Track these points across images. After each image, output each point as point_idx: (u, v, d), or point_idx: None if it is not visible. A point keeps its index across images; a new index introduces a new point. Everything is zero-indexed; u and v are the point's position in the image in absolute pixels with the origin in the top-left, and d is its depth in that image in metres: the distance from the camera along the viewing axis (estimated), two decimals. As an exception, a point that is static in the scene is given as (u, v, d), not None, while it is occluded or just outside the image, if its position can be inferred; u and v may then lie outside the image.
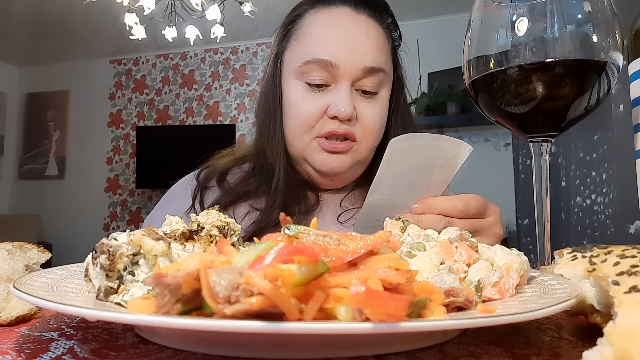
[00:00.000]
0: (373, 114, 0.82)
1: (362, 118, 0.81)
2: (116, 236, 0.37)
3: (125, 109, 5.17)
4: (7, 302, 0.37)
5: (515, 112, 0.53)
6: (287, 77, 0.85)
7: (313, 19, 0.84)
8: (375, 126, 0.83)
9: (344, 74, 0.79)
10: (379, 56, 0.81)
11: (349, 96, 0.79)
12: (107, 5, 3.51)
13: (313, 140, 0.82)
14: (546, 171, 0.54)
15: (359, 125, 0.81)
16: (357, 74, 0.79)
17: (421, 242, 0.41)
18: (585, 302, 0.34)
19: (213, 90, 4.85)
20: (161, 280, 0.25)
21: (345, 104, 0.78)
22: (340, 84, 0.80)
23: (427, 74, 3.88)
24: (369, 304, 0.23)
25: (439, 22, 3.98)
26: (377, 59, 0.81)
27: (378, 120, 0.83)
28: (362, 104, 0.81)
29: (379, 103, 0.83)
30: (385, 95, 0.85)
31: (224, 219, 0.43)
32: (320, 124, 0.81)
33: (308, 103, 0.81)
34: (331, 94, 0.80)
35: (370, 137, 0.83)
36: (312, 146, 0.82)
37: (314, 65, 0.79)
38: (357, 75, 0.80)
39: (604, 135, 1.57)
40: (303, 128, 0.82)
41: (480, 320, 0.26)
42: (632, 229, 1.33)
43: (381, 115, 0.84)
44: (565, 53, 0.50)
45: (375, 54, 0.81)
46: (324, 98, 0.80)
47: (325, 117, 0.80)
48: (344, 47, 0.79)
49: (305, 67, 0.80)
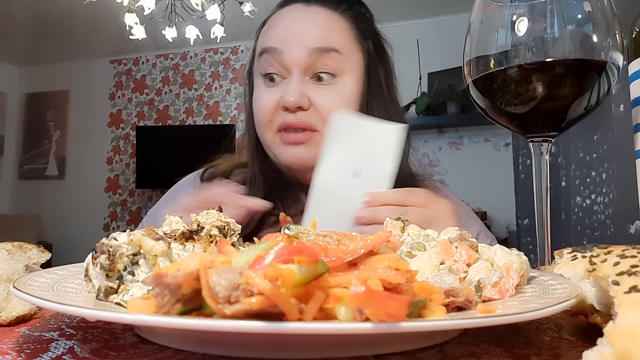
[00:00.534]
0: (329, 101, 0.79)
1: (318, 106, 0.79)
2: (116, 236, 0.37)
3: (125, 109, 5.17)
4: (7, 302, 0.37)
5: (515, 112, 0.53)
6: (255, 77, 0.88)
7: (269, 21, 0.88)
8: None
9: (290, 61, 0.79)
10: (328, 36, 0.80)
11: (297, 85, 0.78)
12: (107, 5, 3.51)
13: (275, 136, 0.82)
14: (546, 171, 0.54)
15: (316, 114, 0.80)
16: (304, 58, 0.79)
17: (421, 242, 0.41)
18: (585, 302, 0.34)
19: (213, 90, 4.85)
20: (161, 280, 0.25)
21: (292, 92, 0.78)
22: (291, 74, 0.80)
23: (427, 74, 3.88)
24: (369, 304, 0.23)
25: (439, 22, 3.98)
26: (325, 39, 0.80)
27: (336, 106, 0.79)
28: (317, 91, 0.80)
29: (337, 89, 0.81)
30: (348, 81, 0.82)
31: (224, 219, 0.43)
32: (276, 118, 0.81)
33: (263, 97, 0.82)
34: (284, 87, 0.80)
35: None
36: (276, 141, 0.82)
37: (265, 55, 0.81)
38: (305, 60, 0.79)
39: (604, 135, 1.57)
40: (263, 124, 0.83)
41: (480, 320, 0.26)
42: (632, 229, 1.33)
43: (341, 102, 0.80)
44: (565, 53, 0.50)
45: (321, 35, 0.80)
46: (278, 91, 0.81)
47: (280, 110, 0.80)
48: (287, 32, 0.81)
49: (260, 60, 0.83)
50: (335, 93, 0.80)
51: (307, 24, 0.82)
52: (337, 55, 0.80)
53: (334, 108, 0.78)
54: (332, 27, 0.82)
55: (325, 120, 0.78)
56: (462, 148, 3.92)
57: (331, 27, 0.82)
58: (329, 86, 0.81)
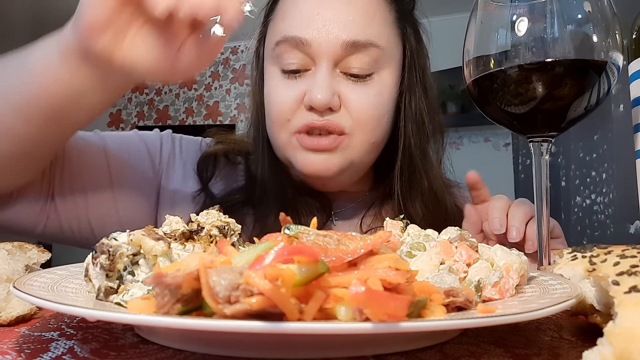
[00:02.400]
0: (365, 100, 0.66)
1: (351, 105, 0.66)
2: (116, 236, 0.37)
3: (125, 109, 5.17)
4: (7, 302, 0.37)
5: (515, 112, 0.53)
6: (265, 65, 0.72)
7: None
8: (369, 115, 0.67)
9: (319, 53, 0.64)
10: (367, 27, 0.65)
11: (326, 80, 0.64)
12: (107, 5, 3.51)
13: (292, 137, 0.68)
14: (546, 171, 0.54)
15: (347, 115, 0.66)
16: (337, 51, 0.64)
17: (421, 242, 0.41)
18: (585, 302, 0.34)
19: (213, 90, 4.85)
20: (161, 280, 0.25)
21: (321, 89, 0.63)
22: (318, 66, 0.65)
23: (427, 74, 3.88)
24: (369, 304, 0.23)
25: (439, 22, 3.96)
26: (364, 30, 0.65)
27: (372, 107, 0.67)
28: (350, 88, 0.66)
29: (374, 86, 0.67)
30: (386, 78, 0.68)
31: (224, 219, 0.43)
32: (296, 117, 0.67)
33: (281, 92, 0.67)
34: (309, 79, 0.66)
35: (364, 130, 0.67)
36: (292, 144, 0.68)
37: (284, 45, 0.66)
38: (337, 54, 0.65)
39: (604, 135, 1.57)
40: (278, 122, 0.68)
41: (480, 320, 0.26)
42: (632, 229, 1.33)
43: (377, 102, 0.67)
44: (565, 53, 0.50)
45: (359, 25, 0.65)
46: (300, 85, 0.66)
47: (302, 108, 0.66)
48: (316, 19, 0.65)
49: (277, 50, 0.67)
50: (372, 92, 0.67)
51: (339, 7, 0.65)
52: (376, 50, 0.66)
53: (371, 111, 0.67)
54: (370, 11, 0.66)
55: (358, 122, 0.66)
56: (462, 148, 3.92)
57: (370, 11, 0.66)
58: (365, 82, 0.67)
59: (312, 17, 0.65)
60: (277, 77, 0.69)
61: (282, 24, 0.69)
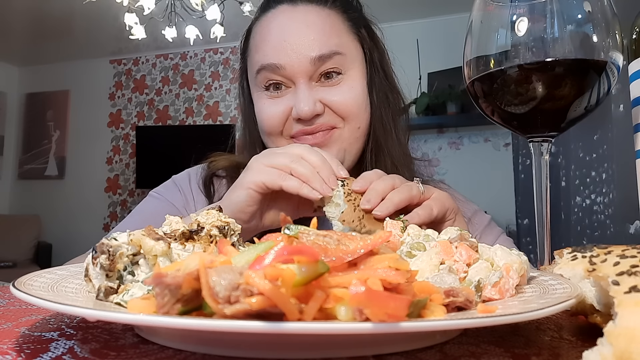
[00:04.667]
0: (343, 98, 0.78)
1: (333, 105, 0.77)
2: (116, 236, 0.37)
3: (125, 109, 5.17)
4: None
5: (515, 112, 0.53)
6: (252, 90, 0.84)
7: (258, 29, 0.83)
8: (350, 107, 0.78)
9: (294, 73, 0.76)
10: (327, 41, 0.77)
11: (307, 93, 0.76)
12: (107, 5, 3.51)
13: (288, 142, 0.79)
14: (546, 171, 0.54)
15: (332, 115, 0.78)
16: (308, 68, 0.76)
17: (421, 242, 0.41)
18: (585, 302, 0.34)
19: (213, 90, 4.85)
20: (161, 280, 0.25)
21: (305, 102, 0.75)
22: (297, 84, 0.77)
23: (427, 74, 3.88)
24: (369, 304, 0.23)
25: (439, 22, 3.98)
26: (325, 44, 0.77)
27: (350, 100, 0.78)
28: (327, 92, 0.77)
29: (346, 83, 0.79)
30: (354, 74, 0.80)
31: (224, 219, 0.43)
32: (287, 127, 0.79)
33: (269, 109, 0.79)
34: (292, 95, 0.78)
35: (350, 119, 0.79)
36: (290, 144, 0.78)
37: (264, 73, 0.78)
38: (309, 69, 0.76)
39: (604, 135, 1.57)
40: (273, 134, 0.80)
41: (480, 320, 0.26)
42: (632, 229, 1.32)
43: (353, 94, 0.79)
44: (565, 53, 0.50)
45: (320, 41, 0.77)
46: (285, 101, 0.78)
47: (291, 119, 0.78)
48: (284, 45, 0.77)
49: (259, 77, 0.80)
50: (345, 88, 0.78)
51: (301, 30, 0.77)
52: (340, 56, 0.78)
53: (350, 103, 0.78)
54: (326, 27, 0.78)
55: (344, 116, 0.77)
56: (462, 148, 3.92)
57: (326, 27, 0.78)
58: (339, 83, 0.78)
59: (280, 44, 0.77)
60: (263, 98, 0.81)
61: (257, 56, 0.80)
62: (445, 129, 3.93)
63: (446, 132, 3.95)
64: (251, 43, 0.84)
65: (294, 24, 0.78)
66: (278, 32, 0.78)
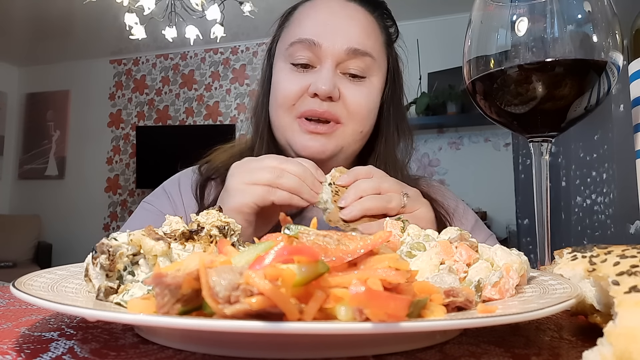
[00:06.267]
0: (359, 97, 0.80)
1: (347, 99, 0.79)
2: (116, 236, 0.37)
3: (125, 109, 5.17)
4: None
5: (515, 112, 0.53)
6: (276, 62, 0.86)
7: (304, 8, 0.86)
8: (361, 108, 0.81)
9: (327, 54, 0.79)
10: (365, 40, 0.81)
11: (330, 74, 0.78)
12: (107, 5, 3.51)
13: (294, 122, 0.80)
14: (546, 171, 0.54)
15: (343, 107, 0.80)
16: (341, 54, 0.79)
17: (421, 242, 0.41)
18: (585, 302, 0.34)
19: (213, 90, 4.85)
20: (161, 280, 0.25)
21: (325, 81, 0.77)
22: (324, 64, 0.79)
23: (427, 74, 3.88)
24: (369, 304, 0.23)
25: (439, 22, 3.98)
26: (363, 42, 0.80)
27: (364, 102, 0.81)
28: (347, 85, 0.80)
29: (366, 87, 0.82)
30: (376, 83, 0.83)
31: (224, 219, 0.43)
32: (300, 103, 0.80)
33: (290, 81, 0.81)
34: (314, 74, 0.80)
35: (356, 120, 0.81)
36: (294, 128, 0.81)
37: (298, 45, 0.80)
38: (341, 56, 0.79)
39: (604, 135, 1.57)
40: (283, 107, 0.81)
41: (480, 320, 0.26)
42: (632, 229, 1.32)
43: (368, 100, 0.82)
44: (565, 53, 0.50)
45: (360, 37, 0.80)
46: (307, 78, 0.80)
47: (306, 96, 0.79)
48: (327, 27, 0.80)
49: (291, 49, 0.81)
50: (364, 91, 0.81)
51: (349, 21, 0.81)
52: (370, 59, 0.81)
53: (363, 105, 0.80)
54: (369, 30, 0.83)
55: (351, 115, 0.80)
56: (462, 148, 3.92)
57: (369, 29, 0.83)
58: (360, 83, 0.81)
59: (324, 24, 0.81)
60: (286, 70, 0.82)
61: (297, 29, 0.83)
62: (445, 129, 3.93)
63: (446, 132, 3.95)
64: (294, 17, 0.87)
65: (342, 12, 0.82)
66: (325, 14, 0.82)
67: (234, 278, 0.24)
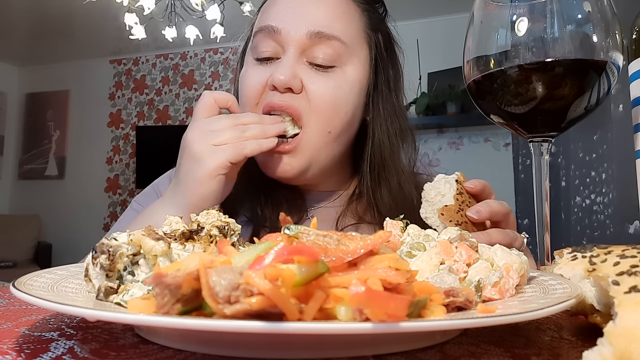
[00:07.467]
0: (324, 89, 0.70)
1: (310, 92, 0.70)
2: (116, 236, 0.37)
3: (125, 109, 5.17)
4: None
5: (515, 112, 0.53)
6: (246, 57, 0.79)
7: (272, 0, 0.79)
8: (325, 103, 0.70)
9: (287, 40, 0.71)
10: (333, 22, 0.72)
11: (290, 63, 0.70)
12: (107, 5, 3.51)
13: None
14: (546, 171, 0.54)
15: (305, 101, 0.70)
16: (303, 39, 0.70)
17: (421, 242, 0.41)
18: (585, 302, 0.34)
19: (213, 90, 4.85)
20: (161, 280, 0.25)
21: (284, 70, 0.69)
22: (286, 52, 0.71)
23: (427, 74, 3.88)
24: (369, 304, 0.23)
25: (439, 22, 3.98)
26: (329, 24, 0.71)
27: (329, 96, 0.70)
28: (311, 76, 0.71)
29: (335, 78, 0.72)
30: (350, 73, 0.73)
31: (224, 219, 0.43)
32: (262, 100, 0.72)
33: (251, 76, 0.74)
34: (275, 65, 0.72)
35: (319, 117, 0.71)
36: None
37: (259, 35, 0.73)
38: (303, 42, 0.70)
39: (604, 135, 1.57)
40: (248, 105, 0.73)
41: (480, 320, 0.26)
42: (632, 229, 1.32)
43: (336, 93, 0.71)
44: (565, 53, 0.50)
45: (326, 19, 0.71)
46: (269, 69, 0.72)
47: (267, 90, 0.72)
48: (288, 11, 0.72)
49: (255, 41, 0.75)
50: (332, 82, 0.71)
51: (315, 2, 0.73)
52: (340, 45, 0.71)
53: (327, 99, 0.71)
54: (339, 11, 0.73)
55: (314, 108, 0.70)
56: (462, 148, 3.92)
57: (339, 10, 0.73)
58: (327, 73, 0.72)
59: (285, 10, 0.73)
60: (250, 64, 0.76)
61: (261, 18, 0.77)
62: (445, 129, 3.92)
63: (446, 132, 3.95)
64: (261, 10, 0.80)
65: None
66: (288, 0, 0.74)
67: (234, 278, 0.24)
